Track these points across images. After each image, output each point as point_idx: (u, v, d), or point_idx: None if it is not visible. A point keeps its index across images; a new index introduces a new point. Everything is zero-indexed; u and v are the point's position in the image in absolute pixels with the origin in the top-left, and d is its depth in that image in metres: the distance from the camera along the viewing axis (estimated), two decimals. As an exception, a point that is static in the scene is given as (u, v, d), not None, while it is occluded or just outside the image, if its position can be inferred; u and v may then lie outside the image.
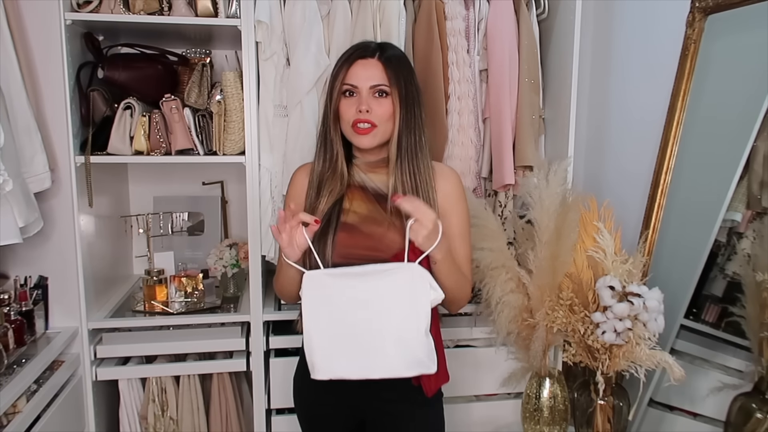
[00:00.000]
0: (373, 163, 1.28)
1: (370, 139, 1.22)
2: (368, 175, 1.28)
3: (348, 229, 1.23)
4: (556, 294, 1.49)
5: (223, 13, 1.68)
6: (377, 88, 1.21)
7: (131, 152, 1.71)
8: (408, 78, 1.24)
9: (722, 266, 1.45)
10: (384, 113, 1.21)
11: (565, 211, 1.49)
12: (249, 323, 1.77)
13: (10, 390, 1.34)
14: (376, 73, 1.21)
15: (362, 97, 1.21)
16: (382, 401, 1.27)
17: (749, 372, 1.34)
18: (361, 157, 1.29)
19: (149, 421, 1.79)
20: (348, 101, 1.23)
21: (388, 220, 1.22)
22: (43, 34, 1.58)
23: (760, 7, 1.33)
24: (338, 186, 1.25)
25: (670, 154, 1.55)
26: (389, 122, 1.22)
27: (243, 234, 2.03)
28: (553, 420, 1.58)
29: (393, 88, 1.21)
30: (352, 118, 1.21)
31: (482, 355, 1.81)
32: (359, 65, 1.23)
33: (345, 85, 1.23)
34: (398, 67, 1.23)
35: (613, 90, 1.82)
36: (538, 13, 1.81)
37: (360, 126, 1.21)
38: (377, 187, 1.27)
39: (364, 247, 1.21)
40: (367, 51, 1.24)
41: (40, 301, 1.65)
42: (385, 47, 1.27)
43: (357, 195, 1.27)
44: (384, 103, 1.21)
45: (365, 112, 1.20)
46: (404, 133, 1.22)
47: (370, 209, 1.25)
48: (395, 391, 1.25)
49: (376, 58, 1.23)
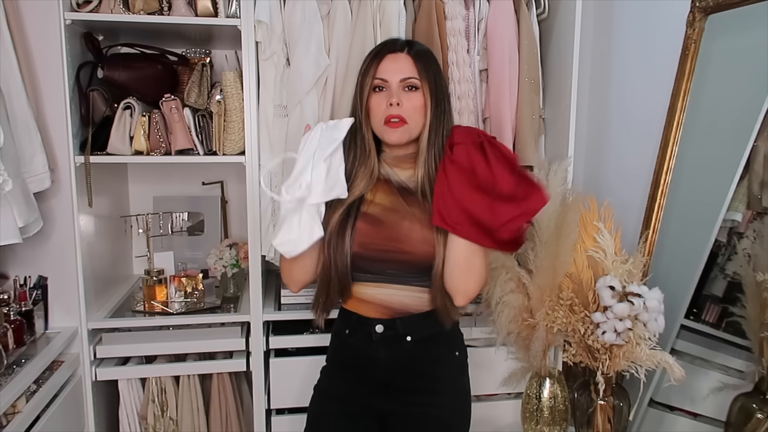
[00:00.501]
0: (400, 157, 1.28)
1: (400, 135, 1.22)
2: (393, 169, 1.28)
3: (368, 219, 1.23)
4: (556, 294, 1.49)
5: (223, 13, 1.68)
6: (407, 81, 1.21)
7: (131, 152, 1.71)
8: (437, 72, 1.24)
9: (722, 266, 1.45)
10: (414, 107, 1.21)
11: (565, 211, 1.49)
12: (249, 323, 1.77)
13: (9, 390, 1.34)
14: (406, 67, 1.21)
15: (392, 90, 1.21)
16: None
17: (749, 372, 1.34)
18: (389, 151, 1.28)
19: (149, 421, 1.79)
20: (378, 96, 1.23)
21: (410, 213, 1.22)
22: (43, 34, 1.58)
23: (760, 7, 1.33)
24: (367, 181, 1.25)
25: (671, 154, 1.55)
26: (420, 117, 1.22)
27: (243, 234, 2.03)
28: (553, 420, 1.58)
29: (423, 82, 1.21)
30: (383, 112, 1.21)
31: (482, 355, 1.81)
32: (389, 59, 1.23)
33: (376, 79, 1.22)
34: (427, 61, 1.24)
35: (613, 90, 1.82)
36: (538, 13, 1.81)
37: (392, 121, 1.21)
38: (401, 181, 1.27)
39: (383, 238, 1.22)
40: (396, 45, 1.25)
41: (40, 301, 1.65)
42: (413, 43, 1.27)
43: (381, 188, 1.27)
44: (414, 96, 1.21)
45: (396, 105, 1.20)
46: (434, 127, 1.22)
47: (392, 201, 1.25)
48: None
49: (405, 52, 1.23)
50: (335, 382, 1.33)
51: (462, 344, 1.35)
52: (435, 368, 1.28)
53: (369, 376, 1.28)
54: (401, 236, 1.21)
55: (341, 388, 1.31)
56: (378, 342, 1.25)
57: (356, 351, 1.29)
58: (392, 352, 1.25)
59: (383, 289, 1.24)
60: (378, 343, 1.25)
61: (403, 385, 1.27)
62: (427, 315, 1.25)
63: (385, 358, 1.26)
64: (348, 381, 1.30)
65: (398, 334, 1.24)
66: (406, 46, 1.24)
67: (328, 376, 1.35)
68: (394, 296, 1.24)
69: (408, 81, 1.21)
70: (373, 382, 1.28)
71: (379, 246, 1.22)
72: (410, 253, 1.21)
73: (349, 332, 1.29)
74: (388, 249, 1.21)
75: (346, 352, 1.32)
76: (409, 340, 1.25)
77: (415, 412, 1.27)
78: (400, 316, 1.24)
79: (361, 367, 1.29)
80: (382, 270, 1.23)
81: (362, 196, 1.25)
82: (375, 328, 1.24)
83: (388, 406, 1.28)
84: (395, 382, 1.27)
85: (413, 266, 1.22)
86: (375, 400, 1.28)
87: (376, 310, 1.25)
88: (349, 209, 1.23)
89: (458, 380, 1.33)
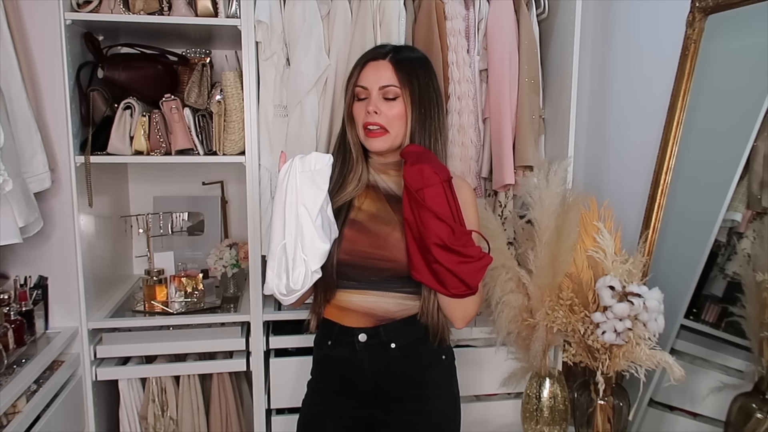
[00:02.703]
0: (387, 164, 1.28)
1: (380, 143, 1.21)
2: (381, 175, 1.28)
3: (355, 226, 1.23)
4: (556, 294, 1.49)
5: (223, 13, 1.68)
6: (386, 89, 1.20)
7: (131, 152, 1.71)
8: (424, 79, 1.22)
9: (722, 266, 1.45)
10: (393, 115, 1.20)
11: (565, 211, 1.49)
12: (249, 323, 1.77)
13: (10, 390, 1.34)
14: (386, 74, 1.20)
15: (372, 99, 1.20)
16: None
17: (749, 372, 1.34)
18: (377, 159, 1.28)
19: (149, 421, 1.79)
20: (360, 104, 1.23)
21: (395, 220, 1.22)
22: (43, 34, 1.58)
23: (760, 7, 1.33)
24: (356, 186, 1.26)
25: (670, 154, 1.55)
26: (401, 125, 1.21)
27: (243, 234, 2.03)
28: (553, 420, 1.58)
29: (404, 89, 1.20)
30: (362, 120, 1.21)
31: (482, 355, 1.81)
32: (370, 67, 1.22)
33: (357, 87, 1.23)
34: (411, 68, 1.22)
35: (613, 90, 1.82)
36: (538, 13, 1.81)
37: (370, 129, 1.20)
38: (388, 188, 1.27)
39: (369, 245, 1.21)
40: (380, 53, 1.24)
41: (40, 301, 1.65)
42: (401, 49, 1.25)
43: (369, 194, 1.27)
44: (394, 105, 1.20)
45: (373, 113, 1.19)
46: (417, 135, 1.21)
47: (378, 208, 1.25)
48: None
49: (387, 59, 1.22)
50: (322, 397, 1.31)
51: (449, 348, 1.34)
52: (422, 374, 1.27)
53: (356, 387, 1.26)
54: (386, 244, 1.20)
55: (329, 403, 1.29)
56: (362, 351, 1.23)
57: (341, 363, 1.27)
58: (377, 360, 1.24)
59: (365, 296, 1.23)
60: (362, 353, 1.23)
61: (391, 393, 1.26)
62: (410, 321, 1.24)
63: (371, 367, 1.24)
64: (335, 394, 1.28)
65: (382, 342, 1.23)
66: (391, 53, 1.23)
67: (315, 392, 1.33)
68: (376, 303, 1.22)
69: (387, 89, 1.20)
70: (361, 393, 1.26)
71: (363, 253, 1.21)
72: (394, 260, 1.20)
73: (332, 344, 1.27)
74: (371, 257, 1.20)
75: (330, 365, 1.30)
76: (393, 347, 1.23)
77: (406, 419, 1.26)
78: (383, 323, 1.23)
79: (347, 379, 1.27)
80: (366, 277, 1.22)
81: (351, 203, 1.25)
82: (358, 338, 1.23)
83: (378, 415, 1.27)
84: (383, 390, 1.26)
85: (396, 273, 1.21)
86: (364, 411, 1.27)
87: (358, 319, 1.23)
88: (336, 216, 1.21)
89: (447, 384, 1.32)
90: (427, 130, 1.22)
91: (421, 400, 1.26)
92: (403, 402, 1.26)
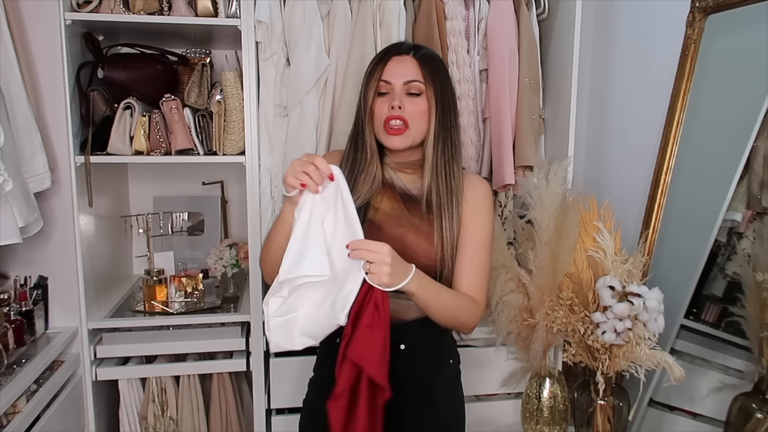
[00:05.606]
0: (403, 162, 1.26)
1: (401, 140, 1.20)
2: (397, 174, 1.27)
3: (374, 228, 1.21)
4: (556, 294, 1.49)
5: (223, 13, 1.68)
6: (411, 84, 1.19)
7: (131, 152, 1.71)
8: (444, 79, 1.22)
9: (722, 266, 1.45)
10: (417, 111, 1.19)
11: (565, 211, 1.49)
12: (249, 323, 1.77)
13: (10, 390, 1.34)
14: (411, 69, 1.20)
15: (395, 94, 1.19)
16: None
17: (749, 372, 1.34)
18: (393, 157, 1.27)
19: (149, 421, 1.79)
20: (381, 99, 1.21)
21: (409, 222, 1.21)
22: (43, 34, 1.58)
23: (760, 7, 1.32)
24: (370, 187, 1.23)
25: (670, 154, 1.55)
26: (422, 122, 1.20)
27: (243, 234, 2.03)
28: (553, 420, 1.58)
29: (428, 86, 1.19)
30: (384, 116, 1.19)
31: (482, 355, 1.81)
32: (394, 62, 1.21)
33: (380, 82, 1.21)
34: (434, 66, 1.22)
35: (613, 90, 1.82)
36: (538, 13, 1.81)
37: (392, 124, 1.18)
38: (404, 187, 1.26)
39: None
40: (402, 48, 1.23)
41: (40, 301, 1.65)
42: (419, 47, 1.25)
43: (386, 193, 1.25)
44: (417, 101, 1.19)
45: (397, 108, 1.18)
46: (441, 134, 1.20)
47: (394, 207, 1.23)
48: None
49: (411, 55, 1.22)
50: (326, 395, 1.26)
51: (456, 352, 1.33)
52: (430, 377, 1.26)
53: None
54: (400, 246, 1.18)
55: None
56: None
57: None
58: None
59: None
60: None
61: (398, 394, 1.22)
62: (421, 323, 1.23)
63: None
64: None
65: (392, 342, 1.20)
66: (413, 50, 1.23)
67: (318, 390, 1.31)
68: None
69: (412, 84, 1.19)
70: None
71: None
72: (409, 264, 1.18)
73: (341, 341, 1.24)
74: None
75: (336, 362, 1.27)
76: (402, 348, 1.23)
77: (411, 422, 1.25)
78: (394, 323, 1.20)
79: None
80: None
81: (368, 203, 1.23)
82: None
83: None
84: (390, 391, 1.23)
85: None
86: None
87: None
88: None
89: (453, 388, 1.32)
90: (448, 129, 1.21)
91: (428, 403, 1.26)
92: (408, 404, 1.25)
